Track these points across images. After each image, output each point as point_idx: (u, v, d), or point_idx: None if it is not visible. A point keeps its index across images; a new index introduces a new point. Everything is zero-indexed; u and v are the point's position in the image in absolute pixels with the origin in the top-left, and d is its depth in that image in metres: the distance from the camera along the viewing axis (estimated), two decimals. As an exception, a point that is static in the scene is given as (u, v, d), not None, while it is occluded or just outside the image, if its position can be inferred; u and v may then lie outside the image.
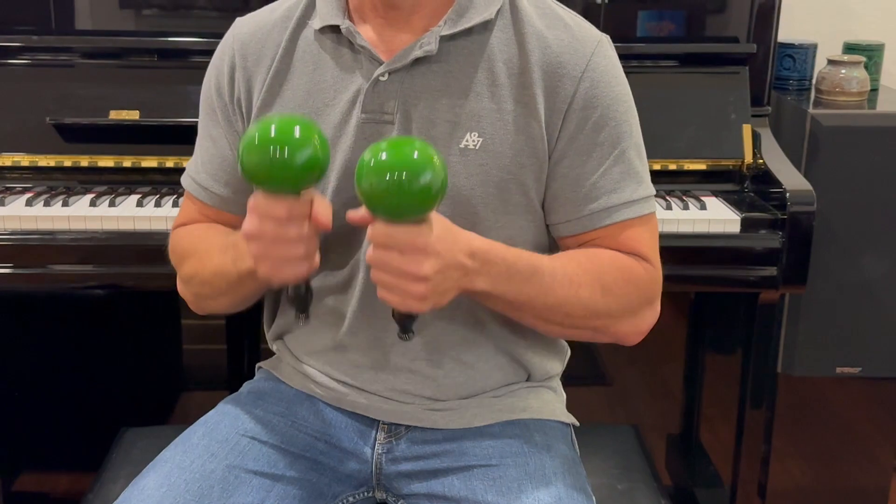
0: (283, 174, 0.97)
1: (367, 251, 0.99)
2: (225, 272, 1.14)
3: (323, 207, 1.01)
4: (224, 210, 1.24)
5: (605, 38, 1.17)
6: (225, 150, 1.22)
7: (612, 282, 1.13)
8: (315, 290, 1.16)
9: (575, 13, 1.18)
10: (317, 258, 1.04)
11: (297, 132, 0.96)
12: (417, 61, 1.12)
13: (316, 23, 1.16)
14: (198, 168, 1.25)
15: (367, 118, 1.13)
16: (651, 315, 1.19)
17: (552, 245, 1.21)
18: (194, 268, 1.21)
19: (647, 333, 1.20)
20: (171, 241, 1.29)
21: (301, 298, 1.11)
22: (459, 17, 1.13)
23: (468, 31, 1.13)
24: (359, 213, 1.00)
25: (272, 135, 0.96)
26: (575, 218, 1.15)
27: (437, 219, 1.00)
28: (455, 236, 1.02)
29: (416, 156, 0.94)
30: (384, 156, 0.94)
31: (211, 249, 1.18)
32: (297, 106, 1.16)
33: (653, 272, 1.17)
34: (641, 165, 1.17)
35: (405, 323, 1.05)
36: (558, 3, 1.19)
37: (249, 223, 1.01)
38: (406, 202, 0.94)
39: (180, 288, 1.26)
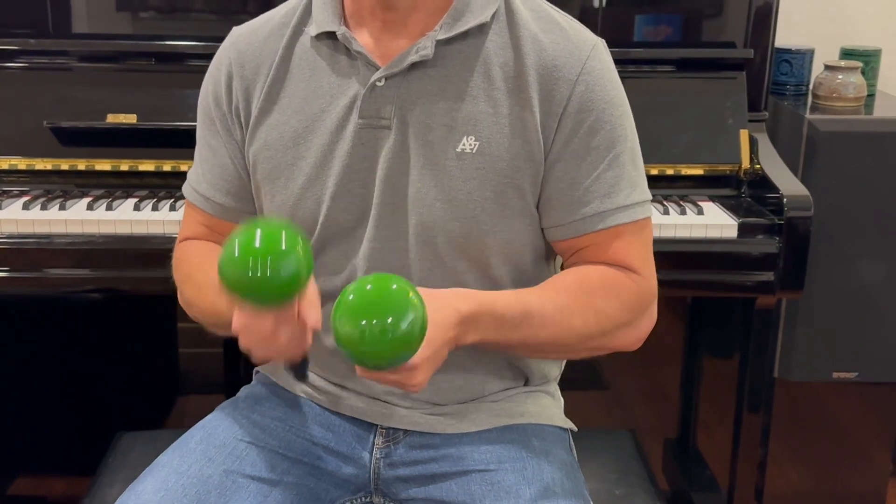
0: (266, 293, 0.93)
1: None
2: (219, 314, 1.11)
3: (312, 308, 1.00)
4: (226, 220, 1.23)
5: (601, 42, 1.17)
6: (224, 159, 1.22)
7: (603, 304, 1.13)
8: None
9: (571, 17, 1.18)
10: (309, 339, 1.03)
11: (281, 244, 0.92)
12: (414, 66, 1.12)
13: (312, 29, 1.16)
14: (198, 178, 1.25)
15: (365, 123, 1.13)
16: (648, 322, 1.19)
17: (549, 248, 1.21)
18: (194, 295, 1.21)
19: (645, 338, 1.20)
20: (174, 256, 1.28)
21: (297, 370, 1.10)
22: (455, 21, 1.13)
23: (464, 35, 1.13)
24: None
25: (255, 247, 0.91)
26: (568, 222, 1.15)
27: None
28: (442, 327, 1.01)
29: (391, 307, 0.91)
30: (357, 304, 0.91)
31: (209, 284, 1.14)
32: (294, 112, 1.16)
33: (643, 283, 1.17)
34: (636, 170, 1.17)
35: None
36: (554, 6, 1.19)
37: (237, 323, 0.99)
38: (389, 355, 0.92)
39: (181, 303, 1.26)
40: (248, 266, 0.91)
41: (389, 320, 0.90)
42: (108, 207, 1.70)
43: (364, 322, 0.90)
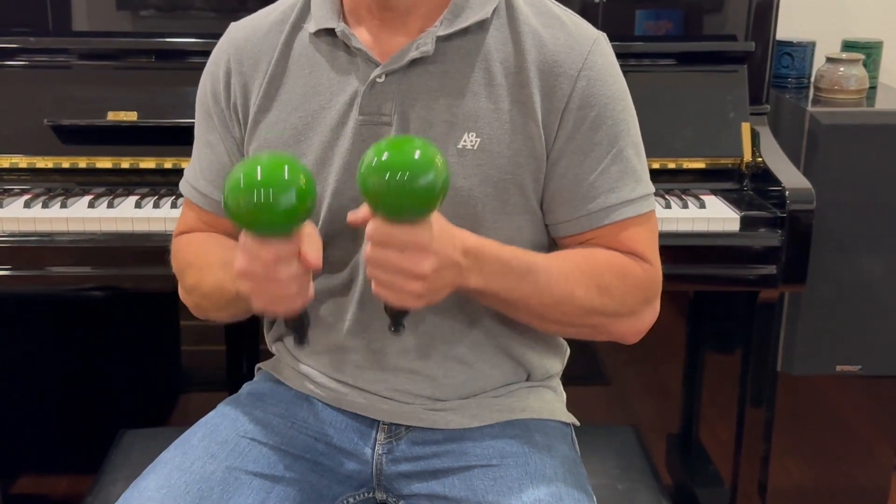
0: (269, 218, 0.94)
1: (366, 248, 0.99)
2: (224, 289, 1.13)
3: (313, 247, 1.00)
4: (223, 216, 1.23)
5: (602, 37, 1.16)
6: (223, 156, 1.22)
7: (608, 282, 1.13)
8: (316, 291, 1.16)
9: (571, 11, 1.18)
10: (311, 291, 1.03)
11: (284, 174, 0.94)
12: (414, 62, 1.12)
13: (311, 26, 1.16)
14: (196, 175, 1.25)
15: (365, 120, 1.13)
16: (650, 314, 1.19)
17: (551, 244, 1.21)
18: (195, 279, 1.20)
19: (646, 332, 1.19)
20: (172, 248, 1.28)
21: (298, 328, 1.10)
22: (455, 17, 1.13)
23: (464, 31, 1.13)
24: (360, 213, 1.00)
25: (258, 178, 0.93)
26: (573, 218, 1.15)
27: (436, 217, 1.00)
28: (451, 234, 1.02)
29: (417, 155, 0.93)
30: (386, 155, 0.93)
31: (211, 263, 1.18)
32: (293, 109, 1.16)
33: (651, 272, 1.17)
34: (640, 164, 1.17)
35: (398, 318, 1.05)
36: (554, 1, 1.19)
37: (240, 262, 1.00)
38: (408, 202, 0.94)
39: (182, 296, 1.26)
40: (252, 192, 0.92)
41: (418, 154, 0.93)
42: (110, 205, 1.70)
43: (396, 149, 0.93)
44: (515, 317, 1.15)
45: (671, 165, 1.84)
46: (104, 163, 1.79)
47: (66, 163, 1.79)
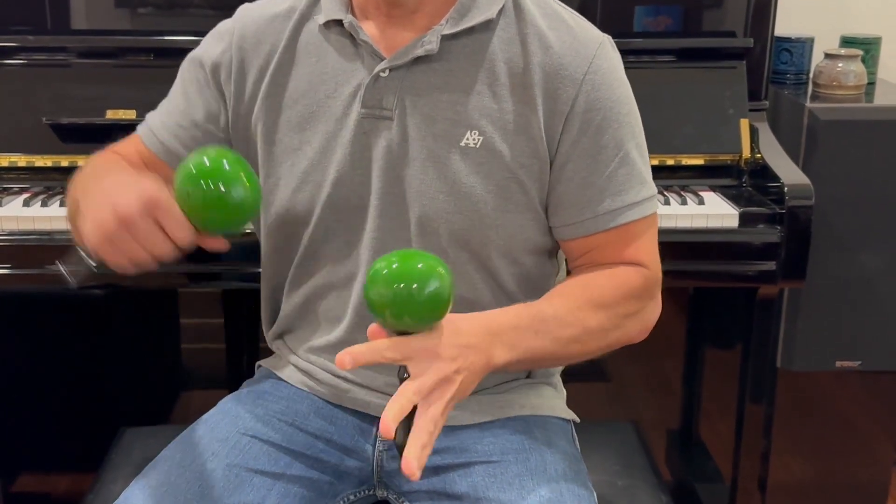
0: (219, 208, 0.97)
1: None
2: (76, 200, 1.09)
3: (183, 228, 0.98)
4: (171, 166, 1.20)
5: (608, 39, 1.16)
6: (197, 115, 1.23)
7: (609, 300, 1.13)
8: (317, 286, 1.16)
9: (577, 13, 1.18)
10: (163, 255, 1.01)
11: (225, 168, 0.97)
12: (418, 59, 1.13)
13: (320, 18, 1.17)
14: (160, 122, 1.26)
15: (367, 113, 1.14)
16: (655, 309, 1.19)
17: (553, 245, 1.21)
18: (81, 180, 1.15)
19: (652, 327, 1.19)
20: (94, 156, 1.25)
21: (81, 266, 1.08)
22: (461, 16, 1.13)
23: (470, 31, 1.13)
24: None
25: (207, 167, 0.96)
26: (579, 220, 1.15)
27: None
28: (456, 327, 1.00)
29: (421, 266, 0.94)
30: (395, 266, 0.94)
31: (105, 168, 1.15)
32: (300, 96, 1.17)
33: (651, 276, 1.17)
34: (644, 166, 1.17)
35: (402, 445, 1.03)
36: (559, 2, 1.19)
37: (129, 206, 0.96)
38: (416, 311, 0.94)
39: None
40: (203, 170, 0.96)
41: (416, 283, 0.93)
42: (109, 203, 1.70)
43: (396, 285, 0.93)
44: (541, 367, 1.17)
45: (670, 162, 1.84)
46: (103, 161, 1.79)
47: (64, 161, 1.79)
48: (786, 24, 2.05)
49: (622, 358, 2.23)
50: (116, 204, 0.97)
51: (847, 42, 2.11)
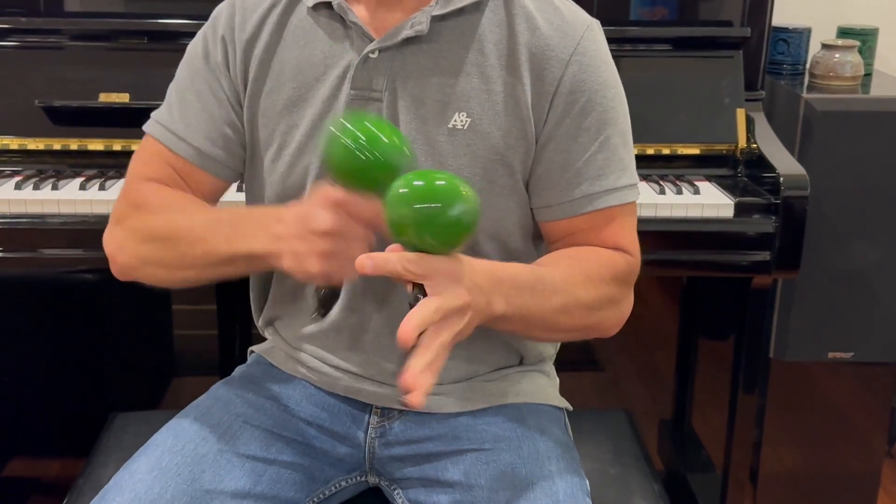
0: (384, 177, 0.93)
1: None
2: (212, 249, 1.08)
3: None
4: (198, 166, 1.19)
5: (595, 23, 1.16)
6: (211, 107, 1.19)
7: (598, 277, 1.12)
8: None
9: None
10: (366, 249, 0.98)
11: (399, 135, 0.96)
12: (408, 40, 1.12)
13: (309, 1, 1.16)
14: (174, 119, 1.19)
15: (356, 94, 1.13)
16: (630, 303, 1.18)
17: (537, 228, 1.20)
18: (157, 225, 1.14)
19: (625, 322, 1.18)
20: (134, 188, 1.20)
21: (332, 299, 1.08)
22: (451, -3, 1.12)
23: (459, 12, 1.13)
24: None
25: (382, 137, 0.94)
26: (557, 203, 1.15)
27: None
28: (466, 265, 0.98)
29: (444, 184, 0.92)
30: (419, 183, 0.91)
31: (192, 216, 1.12)
32: (288, 79, 1.16)
33: (633, 263, 1.17)
34: (626, 153, 1.16)
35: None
36: None
37: (325, 219, 0.95)
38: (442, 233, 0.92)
39: (115, 237, 1.19)
40: (380, 141, 0.94)
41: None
42: (101, 187, 1.69)
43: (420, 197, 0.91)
44: (527, 335, 1.15)
45: (666, 151, 1.83)
46: (96, 144, 1.78)
47: (57, 144, 1.78)
48: (783, 15, 2.04)
49: (615, 347, 2.24)
50: (309, 223, 0.96)
51: (844, 33, 2.11)
